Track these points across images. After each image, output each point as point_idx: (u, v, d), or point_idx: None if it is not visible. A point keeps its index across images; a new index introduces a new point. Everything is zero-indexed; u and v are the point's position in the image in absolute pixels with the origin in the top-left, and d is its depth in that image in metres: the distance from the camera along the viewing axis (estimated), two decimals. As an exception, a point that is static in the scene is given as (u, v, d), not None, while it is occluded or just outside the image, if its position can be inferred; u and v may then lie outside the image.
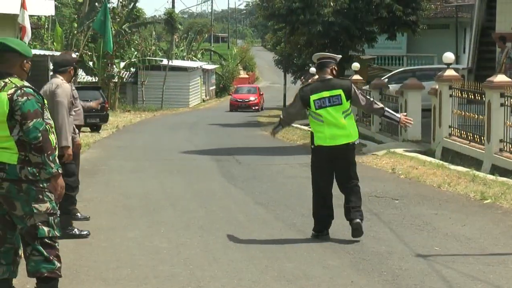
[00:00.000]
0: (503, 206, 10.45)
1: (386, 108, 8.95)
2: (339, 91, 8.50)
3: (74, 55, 9.78)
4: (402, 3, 28.13)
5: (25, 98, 5.79)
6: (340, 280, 6.90)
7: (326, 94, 8.52)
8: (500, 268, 7.23)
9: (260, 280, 6.94)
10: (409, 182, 13.05)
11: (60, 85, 8.84)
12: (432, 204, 10.84)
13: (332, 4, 27.68)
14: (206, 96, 59.42)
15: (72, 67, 9.13)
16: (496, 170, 14.10)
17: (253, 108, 49.48)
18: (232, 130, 29.84)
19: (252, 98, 50.75)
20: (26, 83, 5.92)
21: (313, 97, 8.56)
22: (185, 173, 15.06)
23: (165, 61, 49.17)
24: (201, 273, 7.16)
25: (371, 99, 8.95)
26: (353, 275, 7.09)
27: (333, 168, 8.67)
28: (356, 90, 8.67)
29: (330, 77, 8.66)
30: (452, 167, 14.54)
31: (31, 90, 5.87)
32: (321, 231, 8.70)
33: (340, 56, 9.26)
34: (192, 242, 8.49)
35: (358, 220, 8.46)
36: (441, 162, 15.49)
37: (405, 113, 9.38)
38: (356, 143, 8.70)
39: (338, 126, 8.49)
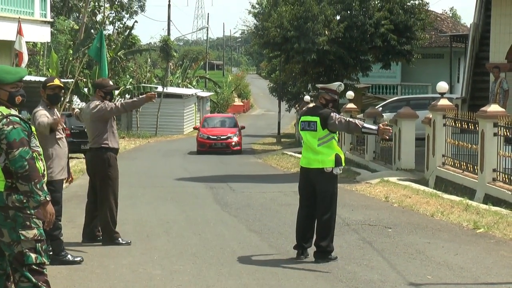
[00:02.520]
0: (496, 236, 10.49)
1: (364, 124, 9.17)
2: (316, 119, 9.00)
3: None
4: (396, 33, 28.28)
5: (10, 127, 5.80)
6: (333, 308, 6.91)
7: (308, 118, 9.10)
8: (492, 297, 7.26)
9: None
10: (402, 211, 13.08)
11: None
12: (425, 233, 10.86)
13: (327, 33, 27.80)
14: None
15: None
16: (489, 199, 14.15)
17: (233, 148, 33.23)
18: (226, 158, 29.89)
19: (230, 135, 33.75)
20: (13, 111, 5.92)
21: (301, 118, 9.23)
22: (179, 200, 15.07)
23: (160, 88, 49.29)
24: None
25: (348, 120, 9.10)
26: (345, 303, 7.10)
27: (314, 192, 9.08)
28: (335, 118, 8.92)
29: (318, 105, 9.20)
30: (445, 196, 14.59)
31: (18, 118, 5.87)
32: (298, 248, 9.08)
33: (339, 83, 9.43)
34: (186, 269, 8.50)
35: (315, 260, 8.90)
36: (434, 191, 15.54)
37: (384, 122, 9.57)
38: (331, 171, 8.90)
39: (313, 151, 9.01)
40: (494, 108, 15.15)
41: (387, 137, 9.30)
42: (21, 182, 5.77)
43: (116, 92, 45.61)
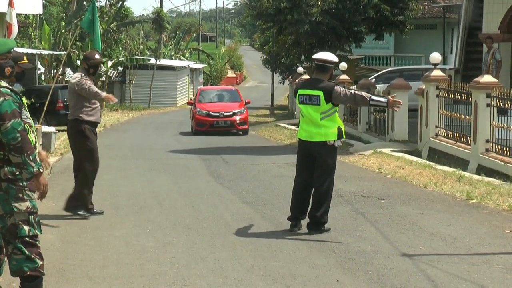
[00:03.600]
0: (488, 206, 10.51)
1: (371, 96, 9.03)
2: (319, 93, 8.79)
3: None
4: (389, 3, 28.16)
5: (1, 98, 5.76)
6: (326, 279, 6.93)
7: (309, 92, 8.88)
8: (485, 267, 7.28)
9: (246, 278, 6.96)
10: (395, 182, 13.10)
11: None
12: (418, 203, 10.88)
13: (320, 4, 27.66)
14: (193, 95, 59.39)
15: None
16: (482, 170, 14.17)
17: (239, 127, 27.44)
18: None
19: (235, 111, 27.73)
20: (4, 83, 5.88)
21: (299, 92, 8.99)
22: (172, 172, 15.05)
23: (153, 60, 49.10)
24: (187, 272, 7.17)
25: (354, 92, 8.99)
26: (338, 274, 7.12)
27: (313, 164, 8.99)
28: (340, 91, 8.78)
29: (321, 78, 8.92)
30: (439, 167, 14.61)
31: (8, 90, 5.84)
32: (292, 220, 9.06)
33: (337, 60, 9.33)
34: (179, 241, 8.50)
35: (309, 231, 8.91)
36: (427, 162, 15.55)
37: (394, 94, 9.46)
38: (333, 143, 8.84)
39: (315, 124, 8.84)
40: (487, 78, 15.12)
41: (397, 110, 9.21)
42: (13, 154, 5.75)
43: (109, 63, 45.46)
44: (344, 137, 8.99)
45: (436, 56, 17.91)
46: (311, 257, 7.76)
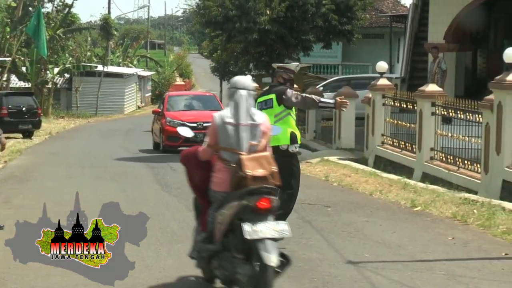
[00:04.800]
0: (432, 214, 10.65)
1: (320, 99, 9.17)
2: (272, 96, 8.96)
3: None
4: (337, 13, 28.39)
5: None
6: None
7: (265, 97, 9.05)
8: (428, 274, 7.37)
9: (192, 287, 6.93)
10: (341, 190, 13.19)
11: None
12: (364, 211, 10.97)
13: (268, 13, 27.78)
14: (141, 103, 59.02)
15: None
16: (426, 178, 14.36)
17: None
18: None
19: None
20: None
21: (258, 100, 9.11)
22: (119, 180, 14.94)
23: (100, 67, 48.71)
24: (132, 280, 7.10)
25: (305, 95, 9.11)
26: (284, 282, 7.12)
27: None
28: (292, 93, 8.89)
29: (274, 84, 9.15)
30: (384, 175, 14.75)
31: None
32: None
33: (296, 64, 9.47)
34: (124, 249, 8.41)
35: None
36: (373, 170, 15.70)
37: (341, 97, 9.60)
38: (287, 149, 8.85)
39: None
40: (432, 87, 15.35)
41: (344, 110, 9.36)
42: None
43: (56, 70, 44.97)
44: (299, 142, 9.04)
45: (382, 65, 18.12)
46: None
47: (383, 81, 17.82)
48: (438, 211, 10.73)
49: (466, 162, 13.89)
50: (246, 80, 7.09)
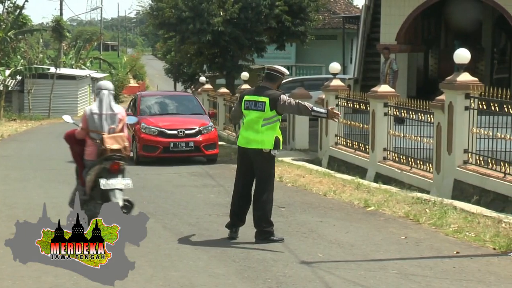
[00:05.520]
0: (385, 213, 10.74)
1: (313, 107, 9.17)
2: (265, 99, 8.93)
3: None
4: (291, 14, 28.53)
5: None
6: (225, 288, 6.95)
7: (255, 98, 9.01)
8: (381, 273, 7.43)
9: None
10: (296, 190, 13.23)
11: None
12: (318, 211, 11.03)
13: (222, 14, 27.81)
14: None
15: None
16: (380, 178, 14.49)
17: (208, 152, 18.74)
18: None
19: (200, 128, 18.89)
20: None
21: (245, 98, 9.11)
22: (72, 183, 14.70)
23: (52, 69, 48.17)
24: (85, 283, 7.05)
25: (298, 102, 9.15)
26: (238, 282, 7.14)
27: (252, 172, 9.06)
28: (286, 100, 8.96)
29: (269, 87, 9.08)
30: (338, 175, 14.85)
31: None
32: (229, 228, 9.09)
33: (287, 73, 9.48)
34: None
35: (256, 241, 8.89)
36: (327, 170, 15.79)
37: (332, 107, 9.74)
38: (269, 152, 8.91)
39: (254, 131, 8.94)
40: (384, 88, 15.49)
41: (336, 120, 9.49)
42: None
43: (7, 72, 44.41)
44: (281, 148, 9.10)
45: (335, 66, 18.23)
46: (211, 266, 7.77)
47: (336, 82, 17.94)
48: (391, 211, 10.83)
49: (418, 162, 14.05)
50: (108, 83, 9.65)
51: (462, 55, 12.57)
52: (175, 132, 18.47)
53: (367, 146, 15.91)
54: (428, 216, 10.18)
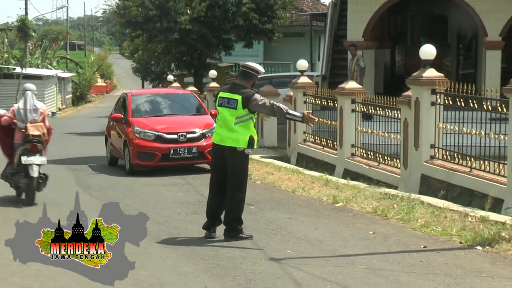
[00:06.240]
0: (353, 209, 10.79)
1: (288, 110, 9.17)
2: (238, 97, 8.90)
3: None
4: (258, 12, 28.54)
5: None
6: (194, 286, 6.94)
7: (229, 95, 8.99)
8: (349, 268, 7.46)
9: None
10: (264, 188, 13.25)
11: None
12: (287, 208, 11.05)
13: (189, 12, 27.74)
14: (62, 105, 58.12)
15: None
16: (348, 174, 14.55)
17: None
18: (89, 139, 29.29)
19: (204, 131, 16.31)
20: None
21: (220, 94, 9.13)
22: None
23: (18, 69, 47.77)
24: (53, 284, 7.02)
25: (273, 102, 9.13)
26: (207, 280, 7.14)
27: (226, 169, 9.04)
28: (259, 99, 8.91)
29: (243, 84, 9.03)
30: (307, 172, 14.88)
31: None
32: (207, 228, 9.05)
33: (263, 71, 9.39)
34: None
35: (225, 238, 8.91)
36: (296, 167, 15.82)
37: (309, 111, 9.73)
38: (244, 150, 8.93)
39: (228, 129, 8.92)
40: (351, 85, 15.56)
41: (312, 125, 9.46)
42: None
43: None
44: (255, 147, 9.10)
45: (303, 63, 18.26)
46: (179, 265, 7.75)
47: (304, 79, 17.98)
48: (359, 207, 10.88)
49: (386, 157, 14.13)
50: (31, 85, 12.83)
51: (428, 51, 12.66)
52: (175, 136, 16.02)
53: (335, 143, 15.97)
54: (395, 211, 10.24)
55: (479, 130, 11.72)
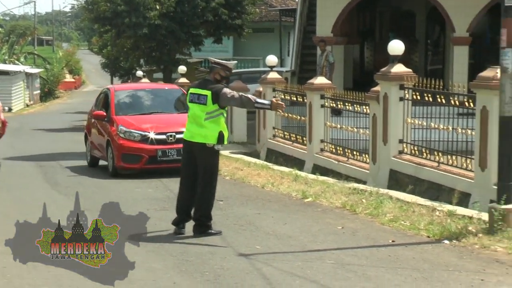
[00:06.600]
0: (322, 204, 10.82)
1: (256, 99, 9.20)
2: (208, 92, 8.89)
3: None
4: (227, 7, 28.51)
5: None
6: (163, 282, 6.92)
7: (198, 91, 9.00)
8: (318, 263, 7.48)
9: (81, 285, 6.83)
10: (234, 183, 13.25)
11: None
12: (256, 204, 11.06)
13: (158, 8, 27.63)
14: (30, 101, 57.64)
15: None
16: (317, 169, 14.58)
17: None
18: (57, 135, 29.12)
19: None
20: None
21: (190, 90, 9.15)
22: (5, 180, 14.53)
23: (-15, 65, 47.32)
24: (19, 282, 6.96)
25: (241, 94, 9.13)
26: (175, 276, 7.12)
27: (196, 165, 9.04)
28: (228, 92, 8.90)
29: (210, 79, 9.08)
30: (276, 167, 14.90)
31: None
32: (177, 224, 9.04)
33: (235, 62, 9.43)
34: (10, 251, 8.20)
35: (194, 234, 8.91)
36: (265, 163, 15.83)
37: (277, 98, 9.75)
38: (214, 146, 8.93)
39: (197, 125, 8.93)
40: (320, 80, 15.60)
41: (281, 111, 9.46)
42: None
43: None
44: (225, 142, 9.09)
45: (272, 59, 18.28)
46: (148, 261, 7.72)
47: (273, 75, 17.99)
48: (328, 202, 10.91)
49: (355, 153, 14.18)
50: None
51: (396, 46, 12.72)
52: (163, 136, 14.81)
53: (304, 138, 16.00)
54: (364, 206, 10.28)
55: (446, 125, 11.82)
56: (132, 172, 14.68)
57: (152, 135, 14.72)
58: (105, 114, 15.68)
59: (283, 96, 17.29)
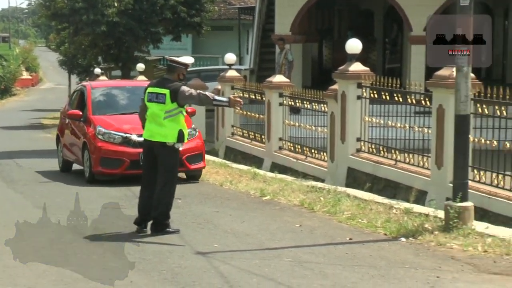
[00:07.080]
0: (280, 202, 10.84)
1: (214, 96, 9.21)
2: (166, 91, 8.86)
3: None
4: (186, 5, 28.41)
5: None
6: (120, 281, 6.87)
7: (157, 90, 8.95)
8: (276, 261, 7.49)
9: (37, 285, 6.77)
10: (192, 182, 13.19)
11: None
12: (214, 202, 11.04)
13: (116, 5, 27.43)
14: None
15: None
16: (276, 167, 14.62)
17: (192, 167, 13.42)
18: (14, 133, 28.80)
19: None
20: None
21: (148, 89, 9.07)
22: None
23: None
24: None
25: (199, 92, 9.09)
26: (133, 275, 7.08)
27: (156, 165, 9.00)
28: (186, 90, 8.87)
29: (170, 78, 9.01)
30: (235, 165, 14.91)
31: None
32: (139, 224, 8.99)
33: (191, 61, 9.33)
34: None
35: (152, 233, 8.87)
36: (224, 161, 15.84)
37: (234, 95, 9.74)
38: (173, 145, 8.85)
39: (157, 124, 8.89)
40: (279, 78, 15.64)
41: (239, 108, 9.44)
42: None
43: None
44: (185, 140, 9.03)
45: (230, 57, 18.28)
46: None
47: (232, 73, 17.99)
48: (286, 200, 10.93)
49: (313, 151, 14.24)
50: None
51: (354, 45, 12.80)
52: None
53: (263, 136, 16.02)
54: (322, 204, 10.32)
55: (403, 123, 11.92)
56: (111, 178, 13.23)
57: (134, 137, 13.07)
58: (81, 113, 14.21)
59: (241, 94, 17.30)
